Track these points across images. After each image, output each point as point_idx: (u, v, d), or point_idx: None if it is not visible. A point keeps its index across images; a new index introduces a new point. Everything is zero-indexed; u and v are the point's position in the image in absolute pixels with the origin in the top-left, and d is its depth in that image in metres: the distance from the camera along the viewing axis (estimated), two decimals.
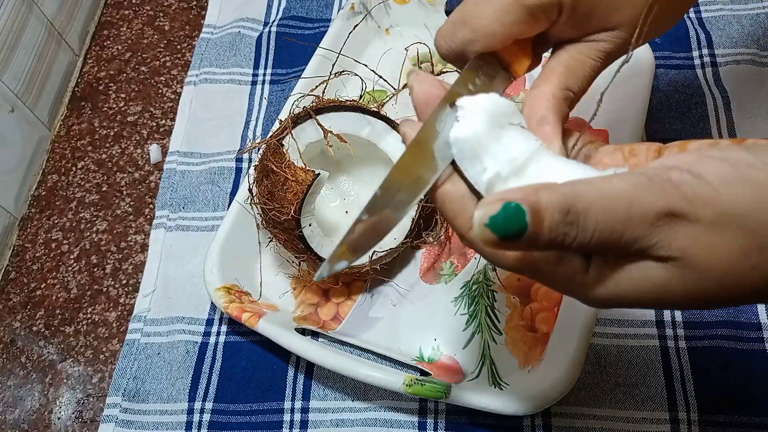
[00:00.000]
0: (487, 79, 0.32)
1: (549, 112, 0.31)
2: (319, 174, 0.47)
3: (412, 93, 0.30)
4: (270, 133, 0.52)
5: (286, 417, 0.50)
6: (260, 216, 0.50)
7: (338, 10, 0.71)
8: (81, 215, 0.62)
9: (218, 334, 0.54)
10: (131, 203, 0.63)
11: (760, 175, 0.23)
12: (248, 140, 0.63)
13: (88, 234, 0.61)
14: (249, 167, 0.61)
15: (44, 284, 0.59)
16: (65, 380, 0.54)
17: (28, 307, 0.58)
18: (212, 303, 0.54)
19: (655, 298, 0.26)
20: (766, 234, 0.23)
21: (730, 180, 0.23)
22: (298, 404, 0.50)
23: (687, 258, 0.24)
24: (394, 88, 0.60)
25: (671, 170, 0.24)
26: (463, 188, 0.28)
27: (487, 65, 0.32)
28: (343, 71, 0.58)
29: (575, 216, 0.23)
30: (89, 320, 0.57)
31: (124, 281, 0.58)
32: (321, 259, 0.50)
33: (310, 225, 0.49)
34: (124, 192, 0.63)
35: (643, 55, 0.59)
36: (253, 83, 0.67)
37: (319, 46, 0.63)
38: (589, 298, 0.27)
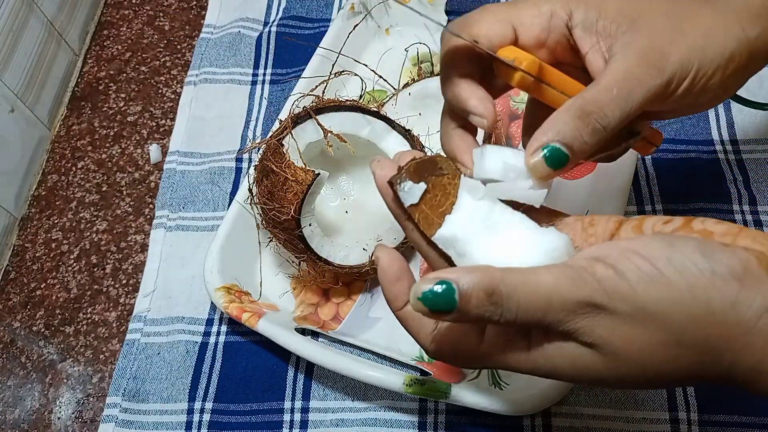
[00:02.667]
0: None
1: (549, 120, 0.32)
2: (319, 174, 0.47)
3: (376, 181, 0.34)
4: (270, 133, 0.52)
5: (286, 417, 0.50)
6: (260, 216, 0.50)
7: (338, 10, 0.71)
8: (81, 215, 0.62)
9: (218, 334, 0.54)
10: (131, 203, 0.63)
11: (674, 277, 0.25)
12: (248, 140, 0.63)
13: (88, 234, 0.61)
14: (249, 167, 0.61)
15: (44, 284, 0.59)
16: (65, 380, 0.54)
17: (28, 307, 0.58)
18: (212, 303, 0.54)
19: (584, 376, 0.28)
20: (680, 331, 0.25)
21: (647, 280, 0.25)
22: (298, 404, 0.50)
23: (608, 346, 0.27)
24: (394, 88, 0.60)
25: (597, 264, 0.26)
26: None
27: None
28: (343, 71, 0.58)
29: (498, 298, 0.26)
30: (89, 320, 0.57)
31: (124, 281, 0.58)
32: (321, 259, 0.50)
33: (310, 225, 0.49)
34: (124, 192, 0.63)
35: None
36: (253, 83, 0.67)
37: (319, 46, 0.63)
38: (511, 365, 0.30)
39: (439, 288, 0.26)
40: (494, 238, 0.30)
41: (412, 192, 0.32)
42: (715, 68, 0.32)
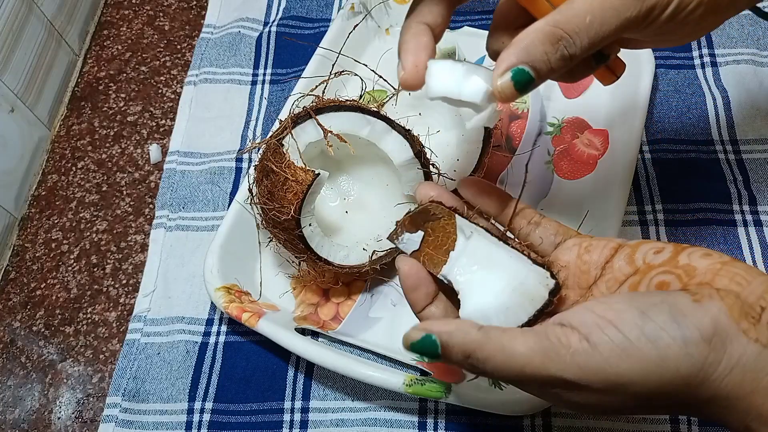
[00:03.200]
0: None
1: (514, 43, 0.31)
2: (319, 174, 0.47)
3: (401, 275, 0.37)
4: (270, 133, 0.52)
5: (286, 417, 0.50)
6: (260, 216, 0.50)
7: (338, 10, 0.71)
8: (81, 215, 0.62)
9: (218, 334, 0.54)
10: (131, 203, 0.63)
11: (646, 348, 0.27)
12: (248, 140, 0.63)
13: (88, 234, 0.61)
14: (249, 167, 0.61)
15: (44, 284, 0.59)
16: (65, 380, 0.54)
17: (28, 307, 0.58)
18: (212, 303, 0.54)
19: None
20: (651, 397, 0.27)
21: (619, 353, 0.27)
22: (298, 404, 0.50)
23: (580, 408, 0.30)
24: (394, 88, 0.60)
25: (572, 335, 0.28)
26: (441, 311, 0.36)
27: None
28: (343, 71, 0.58)
29: (475, 360, 0.29)
30: (89, 320, 0.57)
31: (124, 281, 0.58)
32: (321, 259, 0.50)
33: (310, 225, 0.49)
34: (124, 192, 0.63)
35: (643, 54, 0.59)
36: (253, 83, 0.67)
37: (319, 46, 0.63)
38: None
39: (423, 339, 0.30)
40: (484, 274, 0.34)
41: (411, 241, 0.36)
42: (698, 1, 0.31)
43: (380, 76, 0.62)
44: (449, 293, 0.36)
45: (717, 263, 0.29)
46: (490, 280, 0.34)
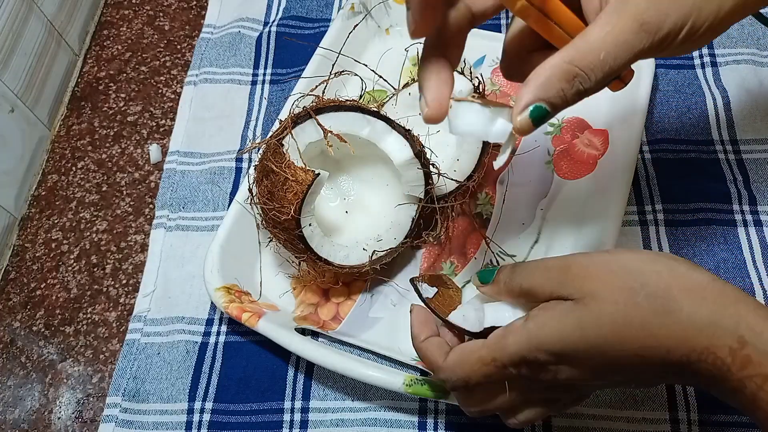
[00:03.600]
0: None
1: (531, 80, 0.33)
2: (319, 174, 0.47)
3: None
4: (270, 133, 0.52)
5: (286, 417, 0.50)
6: (260, 216, 0.50)
7: (338, 10, 0.71)
8: (81, 215, 0.62)
9: (218, 334, 0.54)
10: (131, 203, 0.63)
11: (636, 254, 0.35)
12: (248, 140, 0.63)
13: (88, 234, 0.61)
14: (249, 167, 0.61)
15: (44, 284, 0.59)
16: (65, 380, 0.54)
17: (28, 307, 0.58)
18: (212, 303, 0.54)
19: (568, 333, 0.34)
20: (644, 279, 0.33)
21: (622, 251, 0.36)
22: (298, 404, 0.50)
23: (586, 293, 0.33)
24: (394, 88, 0.60)
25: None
26: (436, 344, 0.42)
27: None
28: (343, 71, 0.58)
29: (515, 273, 0.38)
30: (89, 320, 0.57)
31: (124, 281, 0.58)
32: (321, 259, 0.50)
33: (310, 225, 0.49)
34: (124, 192, 0.63)
35: None
36: (253, 83, 0.67)
37: (319, 45, 0.63)
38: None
39: (488, 270, 0.40)
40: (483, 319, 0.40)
41: (427, 290, 0.44)
42: (707, 26, 0.32)
43: (380, 76, 0.62)
44: (455, 332, 0.42)
45: None
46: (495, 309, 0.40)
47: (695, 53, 0.64)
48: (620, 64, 0.31)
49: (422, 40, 0.36)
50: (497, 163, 0.37)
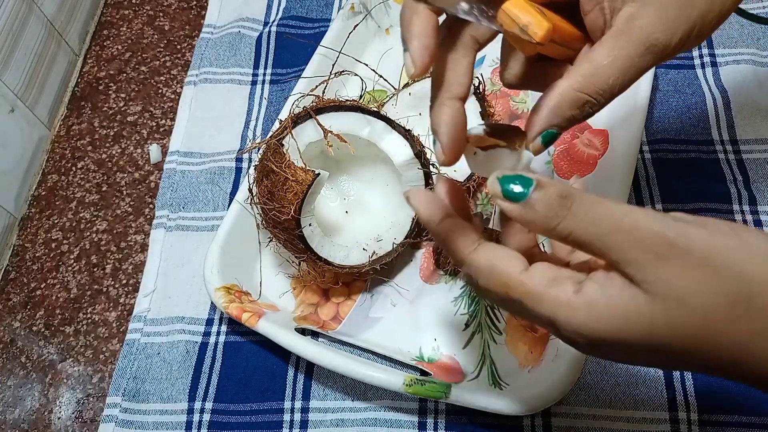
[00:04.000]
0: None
1: (542, 107, 0.32)
2: (319, 174, 0.47)
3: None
4: (270, 133, 0.52)
5: (286, 417, 0.50)
6: (260, 216, 0.50)
7: (338, 10, 0.71)
8: (81, 215, 0.62)
9: (218, 334, 0.54)
10: (131, 203, 0.63)
11: (757, 243, 0.25)
12: (248, 140, 0.63)
13: (88, 234, 0.61)
14: (249, 167, 0.61)
15: (44, 284, 0.59)
16: (65, 380, 0.54)
17: (28, 307, 0.58)
18: (212, 303, 0.54)
19: (632, 325, 0.26)
20: (755, 288, 0.25)
21: (723, 232, 0.26)
22: (298, 404, 0.50)
23: (669, 290, 0.25)
24: (395, 88, 0.60)
25: (674, 213, 0.27)
26: (460, 227, 0.32)
27: None
28: (343, 71, 0.58)
29: (570, 202, 0.27)
30: (89, 320, 0.57)
31: (124, 281, 0.58)
32: (321, 259, 0.50)
33: (310, 225, 0.49)
34: (124, 192, 0.63)
35: None
36: (253, 83, 0.67)
37: (320, 45, 0.63)
38: (570, 326, 0.27)
39: (516, 176, 0.28)
40: None
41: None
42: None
43: (380, 76, 0.62)
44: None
45: None
46: None
47: (695, 53, 0.64)
48: (628, 83, 0.31)
49: None
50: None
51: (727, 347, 0.25)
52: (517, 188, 0.27)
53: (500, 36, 0.33)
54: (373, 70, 0.62)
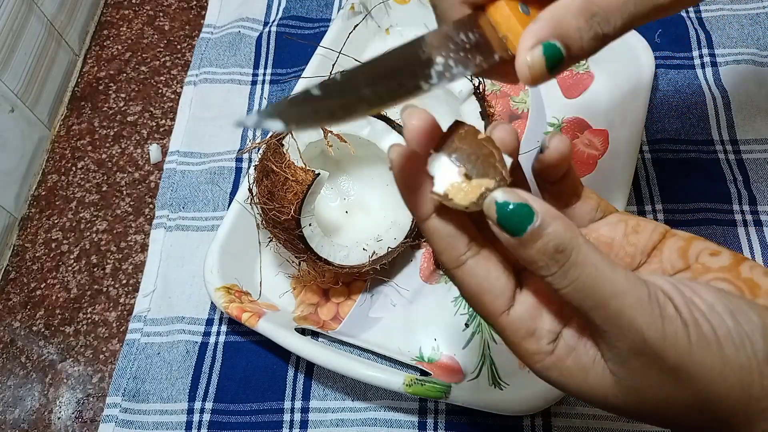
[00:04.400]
0: (478, 39, 0.28)
1: (542, 15, 0.27)
2: (319, 174, 0.47)
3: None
4: (270, 133, 0.52)
5: (286, 417, 0.50)
6: (260, 216, 0.50)
7: (338, 10, 0.71)
8: (81, 215, 0.62)
9: (218, 334, 0.54)
10: (131, 203, 0.63)
11: (729, 352, 0.24)
12: (248, 140, 0.63)
13: (88, 234, 0.61)
14: (249, 167, 0.61)
15: (44, 284, 0.59)
16: (65, 380, 0.54)
17: (28, 307, 0.58)
18: (212, 303, 0.54)
19: (590, 393, 0.27)
20: (712, 404, 0.25)
21: (705, 345, 0.24)
22: (298, 404, 0.50)
23: (631, 380, 0.25)
24: None
25: (668, 305, 0.25)
26: (450, 227, 0.27)
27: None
28: (343, 71, 0.58)
29: (565, 259, 0.24)
30: (89, 320, 0.57)
31: (124, 281, 0.58)
32: (321, 259, 0.50)
33: (310, 225, 0.49)
34: (124, 192, 0.63)
35: (643, 54, 0.59)
36: (253, 83, 0.67)
37: (320, 45, 0.63)
38: (535, 367, 0.28)
39: (519, 205, 0.24)
40: None
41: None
42: None
43: None
44: None
45: None
46: None
47: (695, 53, 0.64)
48: (641, 12, 0.27)
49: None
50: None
51: (693, 427, 0.26)
52: (514, 222, 0.25)
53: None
54: None
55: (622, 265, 0.26)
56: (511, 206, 0.24)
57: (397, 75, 0.26)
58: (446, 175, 0.26)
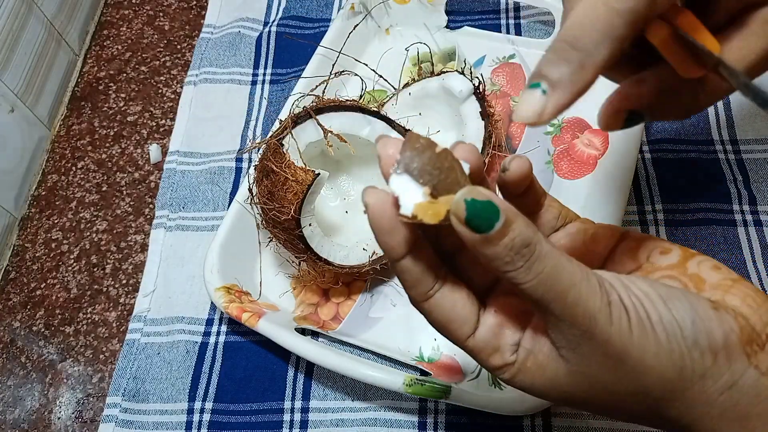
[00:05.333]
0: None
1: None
2: (319, 174, 0.47)
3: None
4: (270, 133, 0.52)
5: (286, 417, 0.50)
6: (260, 216, 0.50)
7: (338, 10, 0.71)
8: (81, 215, 0.62)
9: (218, 334, 0.54)
10: (131, 203, 0.63)
11: (662, 337, 0.26)
12: (248, 140, 0.63)
13: (88, 234, 0.61)
14: (249, 167, 0.61)
15: (44, 284, 0.59)
16: (65, 380, 0.54)
17: (28, 307, 0.58)
18: (212, 303, 0.54)
19: (550, 387, 0.29)
20: (648, 386, 0.26)
21: (641, 329, 0.26)
22: (298, 404, 0.50)
23: (579, 363, 0.27)
24: (395, 88, 0.60)
25: (613, 291, 0.27)
26: (421, 266, 0.28)
27: None
28: (343, 71, 0.58)
29: (530, 254, 0.25)
30: (89, 320, 0.57)
31: (124, 281, 0.58)
32: (321, 259, 0.50)
33: (310, 225, 0.49)
34: (124, 192, 0.63)
35: None
36: (253, 83, 0.67)
37: (320, 45, 0.63)
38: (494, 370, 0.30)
39: (485, 202, 0.25)
40: None
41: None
42: None
43: (380, 76, 0.62)
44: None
45: (728, 280, 0.29)
46: None
47: None
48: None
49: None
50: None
51: (640, 415, 0.28)
52: (482, 219, 0.25)
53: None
54: (373, 70, 0.62)
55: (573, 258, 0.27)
56: (478, 204, 0.25)
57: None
58: (411, 195, 0.26)
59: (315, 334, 0.52)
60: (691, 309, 0.26)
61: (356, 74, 0.60)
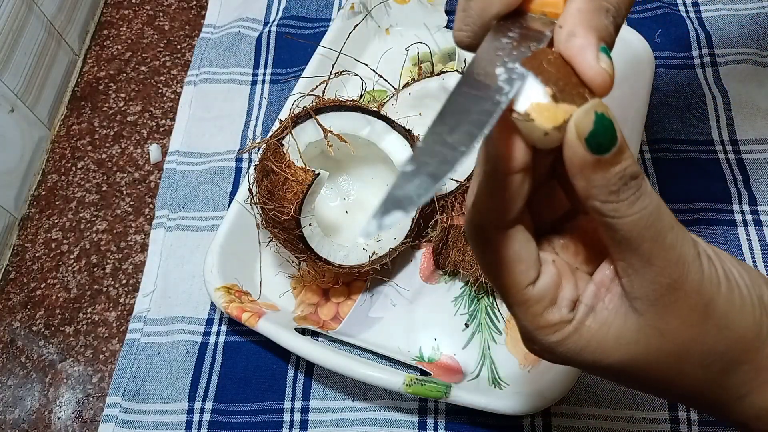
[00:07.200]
0: (521, 30, 0.26)
1: (577, 26, 0.25)
2: (319, 174, 0.47)
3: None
4: (270, 133, 0.52)
5: (286, 417, 0.50)
6: (260, 216, 0.50)
7: (338, 10, 0.71)
8: (81, 215, 0.62)
9: (218, 334, 0.54)
10: (131, 203, 0.63)
11: (745, 292, 0.26)
12: (248, 140, 0.63)
13: (88, 234, 0.61)
14: (249, 167, 0.61)
15: (44, 284, 0.59)
16: (65, 380, 0.54)
17: (28, 307, 0.58)
18: (212, 303, 0.54)
19: (622, 346, 0.26)
20: (730, 346, 0.25)
21: (726, 285, 0.26)
22: (298, 404, 0.50)
23: (658, 321, 0.25)
24: (395, 88, 0.60)
25: (699, 243, 0.26)
26: (524, 188, 0.26)
27: (516, 20, 0.27)
28: (343, 71, 0.58)
29: (637, 187, 0.24)
30: (89, 320, 0.57)
31: (124, 281, 0.58)
32: (321, 259, 0.50)
33: (310, 225, 0.49)
34: (124, 192, 0.63)
35: (643, 54, 0.59)
36: (253, 83, 0.67)
37: (320, 45, 0.63)
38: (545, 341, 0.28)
39: (611, 122, 0.23)
40: None
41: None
42: None
43: (380, 76, 0.62)
44: None
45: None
46: None
47: (695, 53, 0.64)
48: None
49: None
50: None
51: (695, 389, 0.27)
52: (605, 138, 0.23)
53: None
54: (373, 70, 0.62)
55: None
56: (606, 121, 0.23)
57: (471, 107, 0.24)
58: (531, 93, 0.23)
59: (315, 334, 0.52)
60: (762, 276, 0.27)
61: (356, 74, 0.60)
